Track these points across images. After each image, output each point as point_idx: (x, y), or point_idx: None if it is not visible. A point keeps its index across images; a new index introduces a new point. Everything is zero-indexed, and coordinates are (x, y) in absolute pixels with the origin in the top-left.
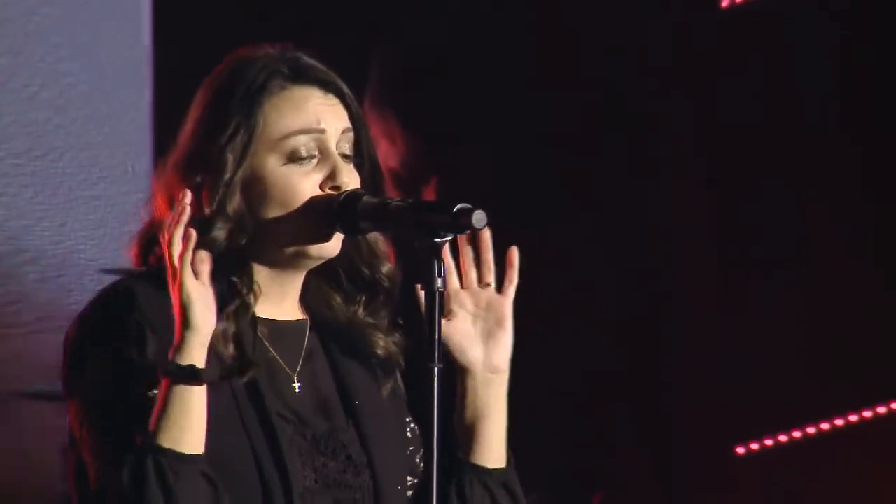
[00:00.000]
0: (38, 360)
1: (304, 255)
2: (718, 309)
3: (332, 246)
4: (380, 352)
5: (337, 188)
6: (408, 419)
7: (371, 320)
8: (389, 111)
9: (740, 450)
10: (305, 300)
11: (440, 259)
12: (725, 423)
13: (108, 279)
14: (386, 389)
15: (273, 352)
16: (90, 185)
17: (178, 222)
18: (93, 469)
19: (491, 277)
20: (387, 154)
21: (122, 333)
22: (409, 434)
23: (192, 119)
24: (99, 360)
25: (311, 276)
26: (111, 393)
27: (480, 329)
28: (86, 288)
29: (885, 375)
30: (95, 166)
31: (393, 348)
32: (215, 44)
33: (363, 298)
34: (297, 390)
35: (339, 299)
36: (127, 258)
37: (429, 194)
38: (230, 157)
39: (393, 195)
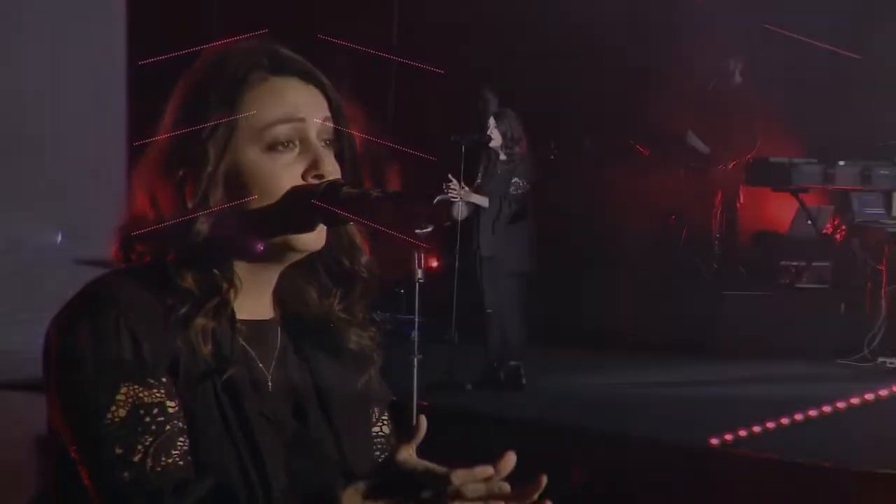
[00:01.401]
0: (11, 350)
1: (290, 248)
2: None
3: (317, 238)
4: (352, 346)
5: (319, 177)
6: (384, 417)
7: (345, 315)
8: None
9: (714, 441)
10: (277, 296)
11: (419, 250)
12: (701, 415)
13: (84, 270)
14: (360, 384)
15: (250, 350)
16: (66, 176)
17: None
18: (87, 478)
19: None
20: None
21: (108, 342)
22: (377, 430)
23: (171, 113)
24: (85, 370)
25: (285, 271)
26: (99, 403)
27: None
28: (60, 278)
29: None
30: (72, 158)
31: (366, 342)
32: (191, 37)
33: (339, 292)
34: (271, 388)
35: (314, 294)
36: (102, 249)
37: (392, 181)
38: (212, 151)
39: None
